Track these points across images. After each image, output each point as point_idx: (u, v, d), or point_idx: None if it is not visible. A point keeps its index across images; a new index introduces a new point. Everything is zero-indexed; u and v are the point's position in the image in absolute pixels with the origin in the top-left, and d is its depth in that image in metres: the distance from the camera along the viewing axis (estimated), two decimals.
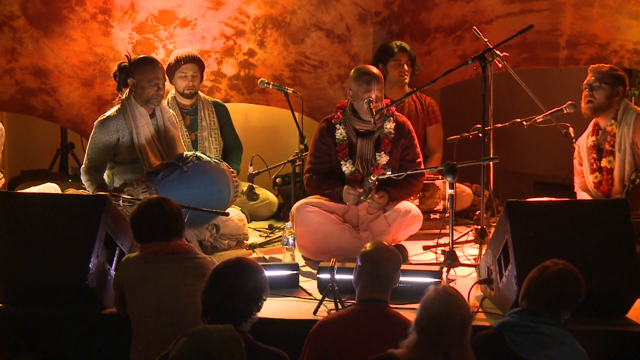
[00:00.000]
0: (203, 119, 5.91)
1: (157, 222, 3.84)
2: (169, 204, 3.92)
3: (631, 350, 3.97)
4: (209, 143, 5.90)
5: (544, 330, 3.28)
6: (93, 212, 4.24)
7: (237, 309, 3.24)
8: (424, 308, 3.05)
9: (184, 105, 5.90)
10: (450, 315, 3.00)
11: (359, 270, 3.62)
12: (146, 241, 3.86)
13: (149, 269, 3.78)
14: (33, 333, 4.23)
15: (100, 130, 5.18)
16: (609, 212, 4.21)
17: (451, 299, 3.04)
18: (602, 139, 5.28)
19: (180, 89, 5.81)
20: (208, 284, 3.30)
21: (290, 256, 4.96)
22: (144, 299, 3.75)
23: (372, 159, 5.20)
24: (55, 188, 5.48)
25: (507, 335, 3.29)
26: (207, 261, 3.86)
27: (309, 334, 3.53)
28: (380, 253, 3.62)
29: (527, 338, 3.27)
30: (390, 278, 3.60)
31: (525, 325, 3.30)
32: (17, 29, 5.91)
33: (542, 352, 3.24)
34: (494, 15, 6.32)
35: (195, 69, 5.79)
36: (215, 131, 5.95)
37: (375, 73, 5.12)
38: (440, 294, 3.06)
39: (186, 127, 5.86)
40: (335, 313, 3.65)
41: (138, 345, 3.74)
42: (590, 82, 5.22)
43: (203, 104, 5.93)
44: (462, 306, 3.05)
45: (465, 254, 5.17)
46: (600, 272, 4.01)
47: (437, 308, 3.01)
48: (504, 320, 3.37)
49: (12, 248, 4.23)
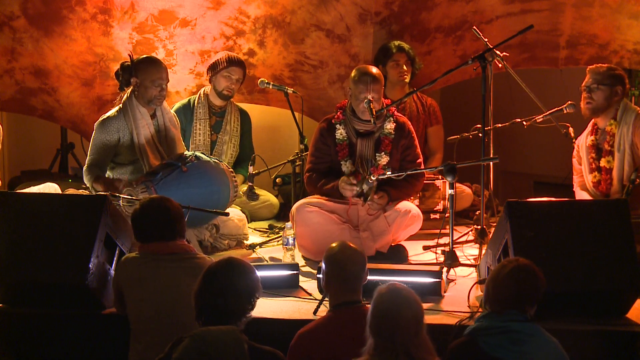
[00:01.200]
0: (228, 122, 6.02)
1: (161, 222, 3.84)
2: (172, 204, 3.92)
3: (631, 350, 3.97)
4: (227, 147, 6.00)
5: (514, 328, 3.31)
6: (93, 212, 4.24)
7: (230, 307, 3.25)
8: (374, 309, 3.07)
9: (214, 105, 5.99)
10: (401, 310, 3.02)
11: (326, 275, 3.61)
12: (147, 241, 3.85)
13: (148, 269, 3.78)
14: (33, 333, 4.23)
15: (101, 131, 5.18)
16: (609, 212, 4.21)
17: (398, 295, 3.07)
18: (602, 139, 5.27)
19: (221, 88, 5.89)
20: (200, 284, 3.30)
21: (290, 256, 4.97)
22: (142, 299, 3.75)
23: (372, 159, 5.20)
24: (55, 188, 5.48)
25: (480, 339, 3.32)
26: (206, 261, 3.84)
27: (290, 347, 3.50)
28: (345, 254, 3.61)
29: (499, 338, 3.30)
30: (357, 277, 3.59)
31: (496, 326, 3.33)
32: (17, 29, 5.91)
33: (515, 348, 3.27)
34: (494, 15, 6.32)
35: (241, 74, 5.91)
36: (236, 138, 6.06)
37: (374, 74, 5.11)
38: (387, 292, 3.08)
39: (210, 126, 5.93)
40: (312, 322, 3.62)
41: (137, 345, 3.74)
42: (588, 83, 5.21)
43: (232, 109, 6.04)
44: (412, 301, 3.07)
45: (465, 254, 5.17)
46: (600, 272, 4.02)
47: (386, 306, 3.04)
48: (475, 326, 3.40)
49: (13, 248, 4.23)
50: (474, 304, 4.27)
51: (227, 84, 5.88)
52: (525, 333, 3.30)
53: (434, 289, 4.37)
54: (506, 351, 3.27)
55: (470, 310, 4.16)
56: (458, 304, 4.29)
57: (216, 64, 5.87)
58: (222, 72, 5.86)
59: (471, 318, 4.02)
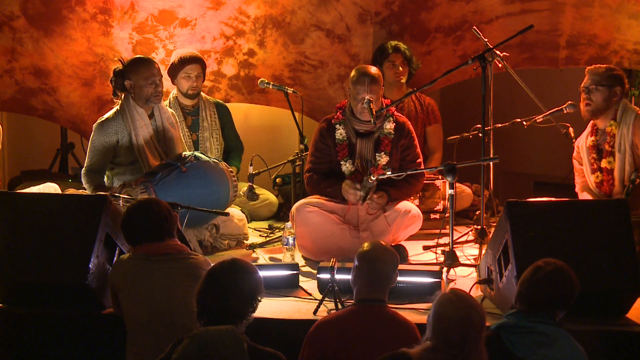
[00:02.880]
0: (205, 119, 5.91)
1: (147, 224, 3.83)
2: (158, 204, 3.90)
3: (631, 350, 3.97)
4: (210, 143, 5.90)
5: (541, 330, 3.29)
6: (93, 212, 4.24)
7: (232, 308, 3.24)
8: (441, 313, 3.02)
9: (185, 106, 5.89)
10: (471, 317, 2.99)
11: (356, 270, 3.61)
12: (137, 243, 3.85)
13: (141, 270, 3.77)
14: (33, 333, 4.23)
15: (99, 133, 5.18)
16: (609, 212, 4.21)
17: (468, 302, 3.04)
18: (602, 140, 5.27)
19: (184, 89, 5.81)
20: (203, 284, 3.30)
21: (290, 256, 4.96)
22: (136, 301, 3.74)
23: (372, 159, 5.20)
24: (55, 188, 5.48)
25: (504, 336, 3.30)
26: (200, 260, 3.84)
27: (307, 335, 3.52)
28: (377, 253, 3.62)
29: (524, 338, 3.28)
30: (387, 278, 3.59)
31: (522, 326, 3.31)
32: (17, 29, 5.91)
33: (540, 351, 3.25)
34: (494, 15, 6.32)
35: (199, 69, 5.79)
36: (217, 132, 5.94)
37: (373, 74, 5.10)
38: (455, 297, 3.04)
39: (187, 127, 5.86)
40: (333, 314, 3.64)
41: (133, 346, 3.73)
42: (587, 84, 5.19)
43: (205, 105, 5.93)
44: (479, 307, 3.05)
45: (465, 254, 5.17)
46: (600, 272, 4.02)
47: (456, 313, 2.99)
48: (501, 322, 3.38)
49: (13, 248, 4.23)
50: None
51: (189, 83, 5.78)
52: (551, 337, 3.27)
53: (434, 289, 4.36)
54: (529, 352, 3.24)
55: None
56: None
57: (172, 68, 5.81)
58: (179, 74, 5.78)
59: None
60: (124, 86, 5.20)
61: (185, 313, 3.59)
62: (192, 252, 3.93)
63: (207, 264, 3.78)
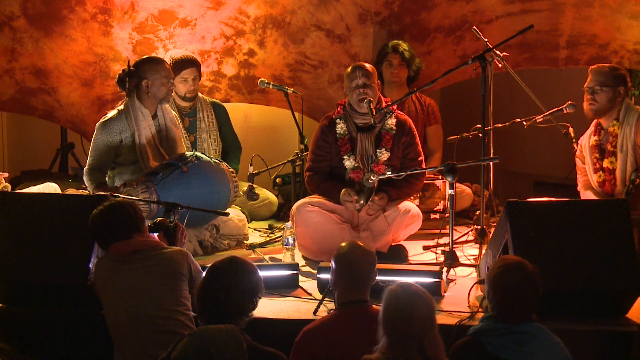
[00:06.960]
0: (202, 120, 5.88)
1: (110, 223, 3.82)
2: (121, 203, 3.90)
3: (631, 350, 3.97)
4: (208, 144, 5.88)
5: (519, 329, 3.32)
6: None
7: (233, 304, 3.26)
8: (387, 306, 3.08)
9: (182, 107, 5.85)
10: (414, 305, 3.03)
11: (334, 272, 3.61)
12: (107, 245, 3.84)
13: (115, 272, 3.77)
14: (33, 333, 4.23)
15: (103, 132, 5.15)
16: (609, 212, 4.21)
17: (410, 291, 3.08)
18: (605, 140, 5.26)
19: (182, 93, 5.76)
20: (204, 280, 3.32)
21: (290, 256, 4.96)
22: (113, 305, 3.74)
23: (373, 154, 5.19)
24: (55, 188, 5.48)
25: (484, 340, 3.34)
26: (173, 253, 3.82)
27: (294, 344, 3.51)
28: (353, 253, 3.61)
29: (504, 339, 3.31)
30: (366, 277, 3.59)
31: (500, 327, 3.34)
32: (17, 29, 5.91)
33: (521, 349, 3.28)
34: (494, 15, 6.32)
35: (195, 72, 5.75)
36: (214, 132, 5.92)
37: (364, 64, 5.15)
38: (399, 289, 3.09)
39: (185, 129, 5.82)
40: (317, 320, 3.62)
41: (118, 351, 3.73)
42: (591, 85, 5.17)
43: (202, 105, 5.90)
44: (424, 296, 3.08)
45: (465, 254, 5.16)
46: (600, 271, 4.02)
47: (399, 302, 3.05)
48: (478, 327, 3.41)
49: (13, 248, 4.24)
50: (474, 304, 4.27)
51: (186, 87, 5.73)
52: (530, 333, 3.30)
53: (434, 289, 4.36)
54: (511, 351, 3.27)
55: (470, 310, 4.16)
56: (458, 304, 4.29)
57: None
58: (176, 78, 5.65)
59: (471, 318, 4.03)
60: (138, 86, 5.16)
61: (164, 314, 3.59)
62: (165, 246, 3.91)
63: (182, 254, 3.78)
